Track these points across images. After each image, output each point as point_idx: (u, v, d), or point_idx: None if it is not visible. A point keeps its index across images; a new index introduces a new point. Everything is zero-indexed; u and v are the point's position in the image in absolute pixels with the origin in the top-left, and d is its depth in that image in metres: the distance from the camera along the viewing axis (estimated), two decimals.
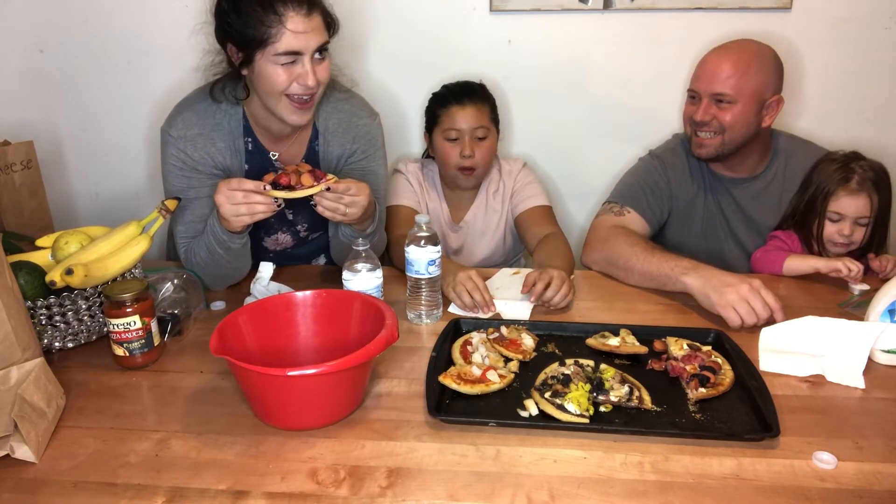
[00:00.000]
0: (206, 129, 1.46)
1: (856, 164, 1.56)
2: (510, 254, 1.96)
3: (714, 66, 1.59)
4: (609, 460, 0.95)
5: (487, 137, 1.79)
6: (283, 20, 1.28)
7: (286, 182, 1.29)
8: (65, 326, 1.25)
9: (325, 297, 1.20)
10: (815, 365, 1.19)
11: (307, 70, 1.32)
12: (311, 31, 1.30)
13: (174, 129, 1.46)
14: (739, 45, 1.61)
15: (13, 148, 1.82)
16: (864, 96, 2.01)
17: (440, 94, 1.83)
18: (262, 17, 1.28)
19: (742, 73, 1.56)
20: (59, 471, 0.95)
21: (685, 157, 1.75)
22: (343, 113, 1.55)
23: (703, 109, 1.61)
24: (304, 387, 1.00)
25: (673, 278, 1.43)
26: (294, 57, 1.31)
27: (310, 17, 1.30)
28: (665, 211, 1.74)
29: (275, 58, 1.31)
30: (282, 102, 1.36)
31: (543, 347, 1.27)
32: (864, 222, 1.56)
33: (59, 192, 2.22)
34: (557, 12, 1.98)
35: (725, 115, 1.59)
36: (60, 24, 2.08)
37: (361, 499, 0.89)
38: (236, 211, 1.27)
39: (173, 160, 1.46)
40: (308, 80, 1.33)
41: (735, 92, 1.57)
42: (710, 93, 1.59)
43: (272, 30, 1.28)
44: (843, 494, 0.89)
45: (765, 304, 1.30)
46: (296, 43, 1.29)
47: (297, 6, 1.29)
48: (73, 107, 2.18)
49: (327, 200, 1.32)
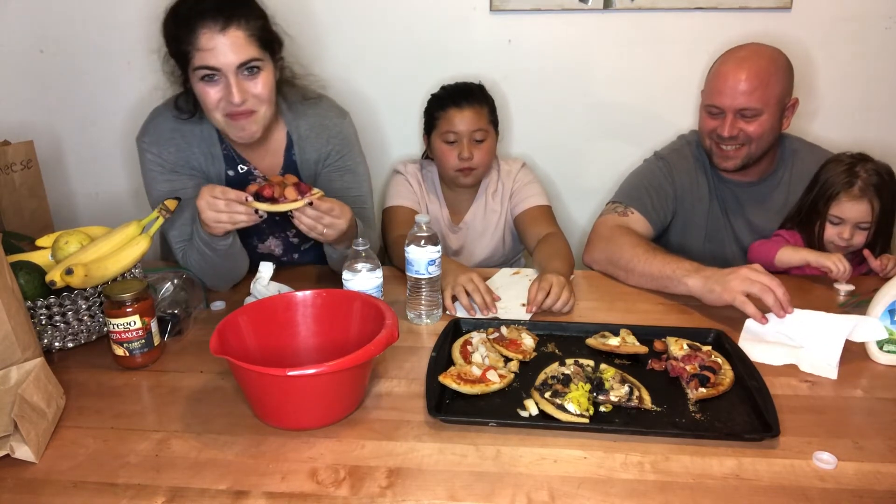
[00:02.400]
0: (177, 134, 1.48)
1: (861, 167, 1.56)
2: (510, 254, 1.96)
3: (735, 80, 1.56)
4: (609, 460, 0.95)
5: (486, 139, 1.78)
6: (197, 36, 1.28)
7: (269, 194, 1.28)
8: (65, 326, 1.25)
9: (325, 297, 1.20)
10: (790, 355, 1.21)
11: (230, 85, 1.32)
12: (226, 46, 1.29)
13: (147, 136, 1.48)
14: (755, 54, 1.58)
15: (13, 148, 1.82)
16: (865, 96, 2.01)
17: (438, 97, 1.82)
18: (182, 34, 1.30)
19: (765, 84, 1.55)
20: (59, 471, 0.95)
21: (691, 160, 1.75)
22: (312, 117, 1.55)
23: (730, 125, 1.58)
24: (304, 387, 1.00)
25: (675, 280, 1.43)
26: (215, 73, 1.31)
27: (224, 33, 1.29)
28: (669, 213, 1.74)
29: (196, 73, 1.32)
30: (220, 120, 1.38)
31: (543, 347, 1.27)
32: (865, 227, 1.56)
33: (59, 192, 2.22)
34: (557, 12, 1.98)
35: (751, 126, 1.58)
36: (60, 24, 2.09)
37: (361, 499, 0.89)
38: (217, 218, 1.28)
39: (151, 165, 1.48)
40: (232, 98, 1.32)
41: (761, 104, 1.56)
42: (736, 108, 1.57)
43: (189, 46, 1.29)
44: (843, 494, 0.89)
45: (770, 278, 1.29)
46: (210, 59, 1.29)
47: (210, 22, 1.28)
48: (73, 107, 2.18)
49: (307, 217, 1.31)
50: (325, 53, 2.04)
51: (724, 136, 1.60)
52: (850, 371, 1.18)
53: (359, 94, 2.11)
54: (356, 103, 2.11)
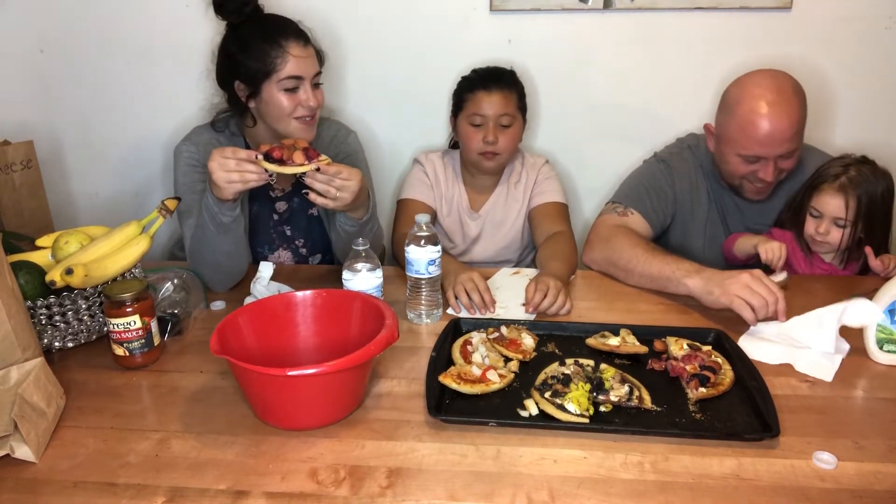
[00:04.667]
0: (215, 142, 1.62)
1: (855, 167, 1.56)
2: (529, 248, 1.93)
3: (778, 130, 1.50)
4: (609, 460, 0.95)
5: (512, 125, 1.76)
6: (286, 49, 1.48)
7: (279, 156, 1.31)
8: (65, 326, 1.25)
9: (325, 297, 1.20)
10: (786, 354, 1.21)
11: (308, 93, 1.52)
12: (308, 57, 1.52)
13: (186, 142, 1.63)
14: (783, 99, 1.51)
15: (13, 148, 1.82)
16: (864, 97, 2.01)
17: (468, 79, 1.81)
18: (268, 50, 1.48)
19: (800, 126, 1.54)
20: (59, 471, 0.95)
21: (692, 165, 1.74)
22: (325, 132, 1.74)
23: (774, 170, 1.56)
24: (304, 387, 1.00)
25: (675, 281, 1.43)
26: (296, 82, 1.50)
27: (306, 48, 1.52)
28: (668, 215, 1.74)
29: (280, 83, 1.49)
30: (291, 124, 1.54)
31: (543, 347, 1.27)
32: (841, 223, 1.56)
33: (59, 192, 2.22)
34: (557, 12, 1.98)
35: (788, 163, 1.58)
36: (60, 24, 2.08)
37: (361, 499, 0.89)
38: (228, 178, 1.30)
39: (185, 160, 1.60)
40: (311, 102, 1.52)
41: (799, 142, 1.56)
42: (777, 156, 1.55)
43: (277, 59, 1.48)
44: (843, 494, 0.89)
45: (769, 290, 1.29)
46: (297, 68, 1.49)
47: (296, 38, 1.50)
48: (73, 107, 2.18)
49: (318, 182, 1.33)
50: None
51: (768, 180, 1.58)
52: (850, 371, 1.18)
53: (358, 94, 2.11)
54: (354, 103, 2.12)
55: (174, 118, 2.10)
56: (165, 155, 2.15)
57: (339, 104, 2.10)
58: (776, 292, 1.29)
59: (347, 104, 2.11)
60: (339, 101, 2.10)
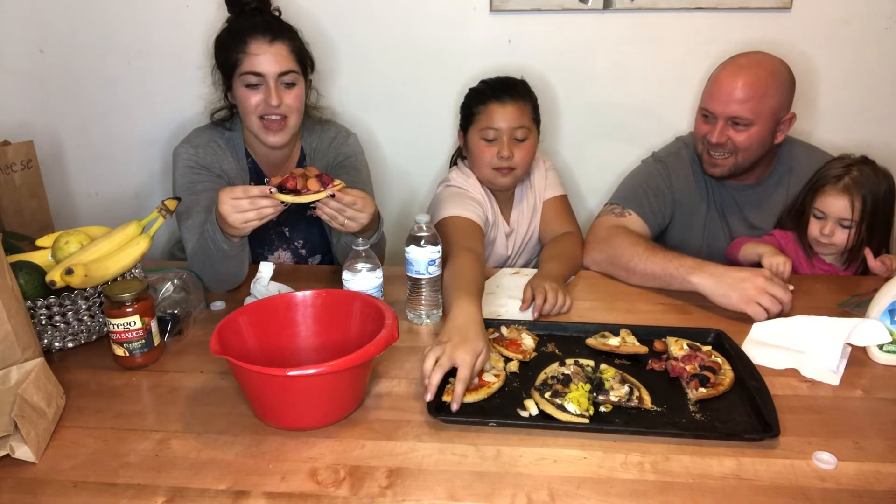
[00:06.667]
0: (213, 144, 1.62)
1: (857, 167, 1.56)
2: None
3: (730, 87, 1.54)
4: (609, 460, 0.95)
5: (528, 139, 1.65)
6: (247, 45, 1.48)
7: (293, 186, 1.28)
8: (65, 326, 1.25)
9: (325, 297, 1.20)
10: (792, 359, 1.20)
11: (271, 91, 1.49)
12: (271, 55, 1.49)
13: (185, 144, 1.62)
14: (755, 63, 1.56)
15: (13, 148, 1.82)
16: (864, 97, 2.01)
17: (478, 90, 1.70)
18: (233, 45, 1.50)
19: (760, 95, 1.53)
20: (59, 471, 0.95)
21: (689, 163, 1.74)
22: (325, 134, 1.73)
23: (719, 131, 1.57)
24: (304, 387, 1.00)
25: (679, 278, 1.43)
26: (257, 79, 1.49)
27: (271, 44, 1.49)
28: (667, 215, 1.74)
29: (241, 78, 1.50)
30: (255, 123, 1.54)
31: (543, 347, 1.27)
32: (847, 224, 1.56)
33: (59, 192, 2.22)
34: (557, 12, 1.98)
35: (740, 136, 1.57)
36: (60, 24, 2.08)
37: (361, 499, 0.89)
38: (244, 218, 1.27)
39: (184, 162, 1.59)
40: (272, 100, 1.49)
41: (753, 115, 1.54)
42: (727, 115, 1.56)
43: (239, 54, 1.49)
44: (843, 494, 0.89)
45: (784, 291, 1.32)
46: (257, 64, 1.48)
47: (259, 34, 1.49)
48: (73, 107, 2.18)
49: (329, 209, 1.31)
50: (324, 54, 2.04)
51: (712, 141, 1.60)
52: (850, 371, 1.18)
53: (358, 95, 2.11)
54: (354, 104, 2.12)
55: (174, 118, 2.10)
56: (165, 155, 2.14)
57: (338, 105, 2.10)
58: (788, 293, 1.32)
59: (347, 105, 2.11)
60: (338, 103, 2.10)
